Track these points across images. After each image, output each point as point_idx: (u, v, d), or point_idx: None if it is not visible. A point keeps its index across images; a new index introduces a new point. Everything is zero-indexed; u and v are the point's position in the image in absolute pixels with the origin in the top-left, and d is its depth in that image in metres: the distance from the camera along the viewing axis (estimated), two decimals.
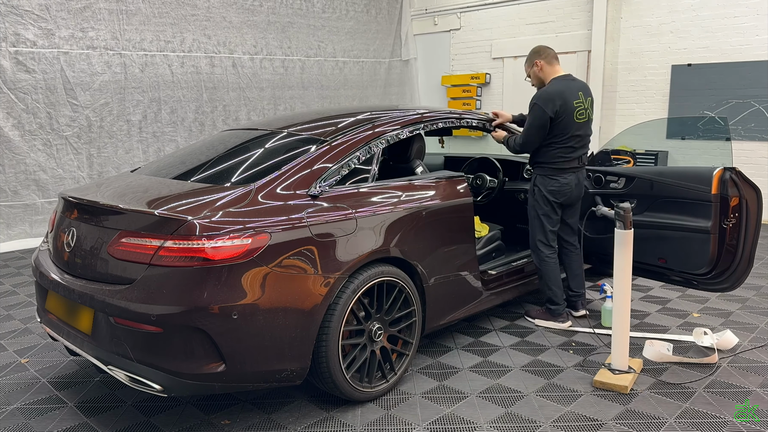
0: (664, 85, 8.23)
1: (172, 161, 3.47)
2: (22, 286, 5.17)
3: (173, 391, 2.50)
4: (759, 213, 3.49)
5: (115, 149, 7.25)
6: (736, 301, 4.46)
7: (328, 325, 2.73)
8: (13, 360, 3.60)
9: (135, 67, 7.31)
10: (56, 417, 2.91)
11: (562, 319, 3.91)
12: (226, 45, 8.14)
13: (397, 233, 3.07)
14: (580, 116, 3.68)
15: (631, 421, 2.80)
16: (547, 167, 3.74)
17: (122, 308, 2.45)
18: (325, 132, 3.22)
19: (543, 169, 3.77)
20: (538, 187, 3.79)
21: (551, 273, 3.85)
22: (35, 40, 6.54)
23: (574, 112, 3.64)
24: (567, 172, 3.73)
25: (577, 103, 3.67)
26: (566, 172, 3.73)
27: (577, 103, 3.66)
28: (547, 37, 9.30)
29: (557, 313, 3.90)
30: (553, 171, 3.73)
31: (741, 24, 7.51)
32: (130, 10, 7.18)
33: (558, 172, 3.73)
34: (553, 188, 3.74)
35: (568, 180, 3.74)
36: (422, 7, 10.69)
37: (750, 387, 3.12)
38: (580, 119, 3.68)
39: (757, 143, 7.51)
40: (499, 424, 2.79)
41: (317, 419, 2.86)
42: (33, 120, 6.64)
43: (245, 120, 8.44)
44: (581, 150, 3.76)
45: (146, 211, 2.58)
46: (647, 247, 3.67)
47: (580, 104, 3.68)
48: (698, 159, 7.79)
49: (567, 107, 3.62)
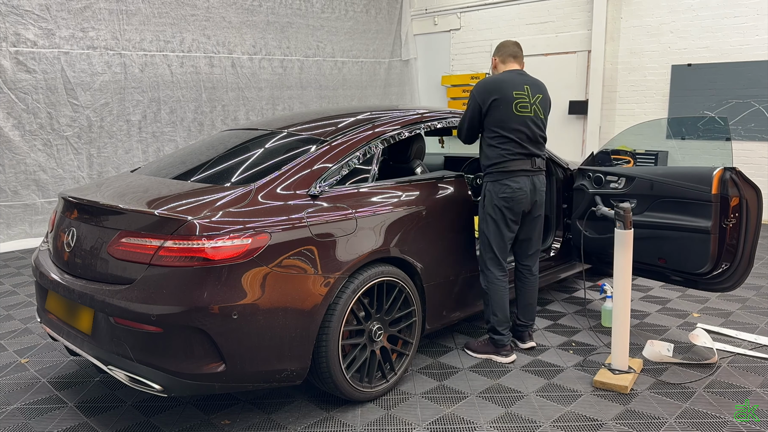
0: (664, 85, 8.23)
1: (172, 161, 3.47)
2: (22, 286, 5.17)
3: (173, 391, 2.50)
4: (759, 213, 3.49)
5: (114, 149, 7.26)
6: (736, 301, 4.46)
7: (328, 325, 2.73)
8: (13, 360, 3.60)
9: (135, 67, 7.31)
10: (56, 417, 2.91)
11: (506, 352, 3.44)
12: (226, 45, 8.15)
13: (397, 233, 3.07)
14: (522, 109, 3.28)
15: (631, 421, 2.80)
16: (495, 171, 3.32)
17: (122, 308, 2.45)
18: (325, 132, 3.22)
19: (491, 174, 3.35)
20: (489, 194, 3.36)
21: (500, 298, 3.38)
22: (36, 40, 6.54)
23: (512, 103, 3.26)
24: (518, 175, 3.29)
25: (519, 94, 3.29)
26: (517, 175, 3.29)
27: (518, 94, 3.28)
28: (547, 37, 9.31)
29: (500, 344, 3.43)
30: (502, 174, 3.30)
31: (741, 24, 7.51)
32: (130, 10, 7.19)
33: (508, 175, 3.29)
34: (505, 194, 3.29)
35: (521, 185, 3.29)
36: (422, 7, 10.69)
37: (750, 387, 3.12)
38: (522, 112, 3.27)
39: (757, 143, 7.51)
40: (499, 424, 2.79)
41: (317, 419, 2.86)
42: (33, 120, 6.64)
43: (244, 120, 8.45)
44: (531, 149, 3.32)
45: (146, 211, 2.58)
46: (647, 247, 3.66)
47: (523, 96, 3.29)
48: (698, 159, 7.79)
49: (503, 96, 3.26)
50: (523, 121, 3.29)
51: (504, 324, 3.40)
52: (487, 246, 3.39)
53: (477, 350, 3.52)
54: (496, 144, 3.30)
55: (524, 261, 3.55)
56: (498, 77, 3.37)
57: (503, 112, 3.26)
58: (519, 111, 3.28)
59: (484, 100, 3.29)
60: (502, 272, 3.39)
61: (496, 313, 3.38)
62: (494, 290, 3.38)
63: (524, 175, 3.31)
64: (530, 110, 3.32)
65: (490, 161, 3.34)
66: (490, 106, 3.27)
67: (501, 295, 3.38)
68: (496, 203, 3.31)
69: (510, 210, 3.31)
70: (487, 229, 3.38)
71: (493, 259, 3.37)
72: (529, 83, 3.37)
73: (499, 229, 3.33)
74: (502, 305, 3.38)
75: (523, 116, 3.29)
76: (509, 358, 3.43)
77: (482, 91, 3.31)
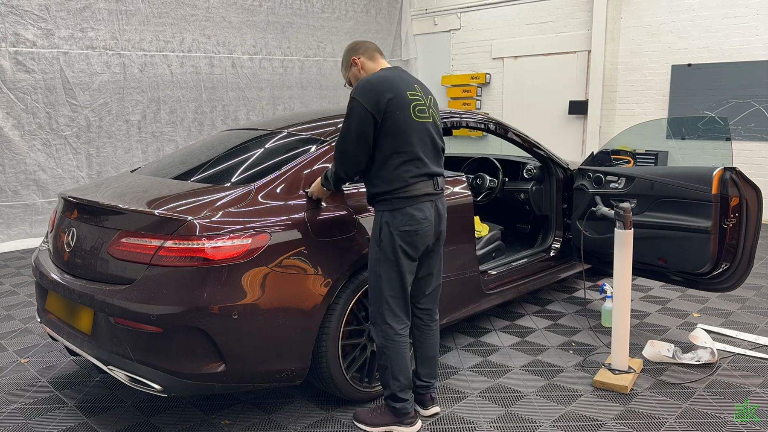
0: (664, 85, 8.23)
1: (172, 161, 3.47)
2: (22, 286, 5.17)
3: (173, 391, 2.50)
4: (759, 213, 3.49)
5: (114, 149, 7.27)
6: (736, 301, 4.46)
7: (328, 325, 2.73)
8: (13, 360, 3.60)
9: (134, 67, 7.32)
10: (56, 417, 2.91)
11: (410, 420, 2.73)
12: (226, 45, 8.16)
13: None
14: (421, 114, 2.58)
15: (631, 421, 2.80)
16: (392, 197, 2.54)
17: (122, 308, 2.45)
18: (325, 132, 3.22)
19: (387, 202, 2.56)
20: (385, 228, 2.56)
21: (401, 358, 2.64)
22: (35, 41, 6.55)
23: (410, 107, 2.53)
24: (422, 201, 2.56)
25: (413, 95, 2.58)
26: (421, 201, 2.56)
27: (413, 95, 2.58)
28: (547, 37, 9.31)
29: (403, 412, 2.71)
30: (402, 202, 2.53)
31: (741, 24, 7.51)
32: (129, 10, 7.19)
33: (410, 202, 2.53)
34: (408, 227, 2.54)
35: (426, 214, 2.57)
36: (422, 7, 10.69)
37: (750, 387, 3.12)
38: (421, 117, 2.57)
39: (757, 143, 7.51)
40: (499, 424, 2.79)
41: (317, 419, 2.86)
42: (32, 120, 6.65)
43: (244, 120, 8.46)
44: (434, 168, 2.61)
45: (146, 211, 2.58)
46: (647, 247, 3.67)
47: (418, 98, 2.60)
48: (698, 159, 7.79)
49: (399, 99, 2.51)
50: (424, 128, 2.58)
51: (407, 389, 2.70)
52: (383, 295, 2.61)
53: (373, 423, 2.75)
54: (394, 163, 2.52)
55: (423, 304, 2.80)
56: (381, 74, 2.60)
57: (400, 119, 2.51)
58: (418, 116, 2.56)
59: (376, 103, 2.47)
60: (403, 325, 2.66)
61: (398, 377, 2.65)
62: (394, 349, 2.62)
63: (428, 200, 2.59)
64: (428, 114, 2.62)
65: (386, 187, 2.54)
66: (385, 110, 2.48)
67: (402, 355, 2.65)
68: (396, 240, 2.54)
69: (412, 246, 2.57)
70: (382, 274, 2.60)
71: (391, 311, 2.62)
72: (417, 82, 2.69)
73: (398, 271, 2.58)
74: (404, 367, 2.66)
75: (423, 122, 2.58)
76: (414, 427, 2.74)
77: (370, 93, 2.49)
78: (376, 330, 2.67)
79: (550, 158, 4.29)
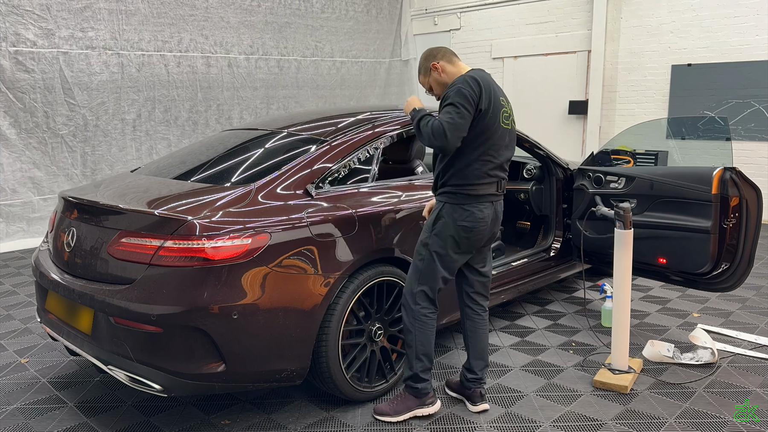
0: (664, 85, 8.23)
1: (172, 161, 3.47)
2: (22, 286, 5.17)
3: (173, 391, 2.50)
4: (759, 213, 3.49)
5: (108, 147, 7.30)
6: (736, 301, 4.46)
7: (328, 325, 2.73)
8: (13, 360, 3.60)
9: (132, 67, 7.34)
10: (56, 417, 2.91)
11: (430, 401, 2.85)
12: (223, 45, 8.18)
13: (397, 233, 3.07)
14: (506, 121, 2.71)
15: (631, 421, 2.80)
16: (459, 193, 2.68)
17: (122, 308, 2.45)
18: (325, 132, 3.22)
19: (454, 195, 2.70)
20: (444, 219, 2.71)
21: (427, 337, 2.77)
22: (35, 40, 6.55)
23: (500, 112, 2.66)
24: (484, 202, 2.70)
25: (503, 102, 2.72)
26: (483, 201, 2.70)
27: (503, 101, 2.72)
28: (547, 37, 9.31)
29: (424, 392, 2.82)
30: (466, 198, 2.68)
31: (741, 24, 7.51)
32: (129, 10, 7.20)
33: (474, 200, 2.68)
34: (466, 224, 2.67)
35: (485, 215, 2.71)
36: (422, 7, 10.69)
37: (750, 387, 3.12)
38: (505, 124, 2.70)
39: (757, 143, 7.51)
40: (499, 424, 2.79)
41: (317, 419, 2.86)
42: (30, 119, 6.67)
43: (238, 119, 8.50)
44: (501, 171, 2.75)
45: (146, 211, 2.58)
46: (647, 247, 3.67)
47: (505, 106, 2.73)
48: (698, 159, 7.78)
49: (495, 103, 2.64)
50: (505, 135, 2.72)
51: (428, 370, 2.82)
52: (420, 277, 2.75)
53: (397, 411, 2.83)
54: (472, 159, 2.66)
55: (474, 295, 2.92)
56: (480, 74, 2.65)
57: (491, 121, 2.63)
58: (504, 123, 2.70)
59: (479, 97, 2.57)
60: (432, 309, 2.78)
61: (421, 357, 2.76)
62: (421, 329, 2.75)
63: (489, 201, 2.73)
64: (510, 123, 2.76)
65: (457, 180, 2.68)
66: (484, 108, 2.60)
67: (427, 336, 2.77)
68: (451, 231, 2.69)
69: (466, 241, 2.71)
70: (426, 258, 2.74)
71: (424, 294, 2.75)
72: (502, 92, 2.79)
73: (442, 261, 2.72)
74: (428, 348, 2.78)
75: (506, 129, 2.72)
76: (434, 407, 2.85)
77: (475, 88, 2.57)
78: (406, 309, 2.79)
79: (550, 158, 4.29)
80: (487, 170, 2.68)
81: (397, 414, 2.83)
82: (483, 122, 2.60)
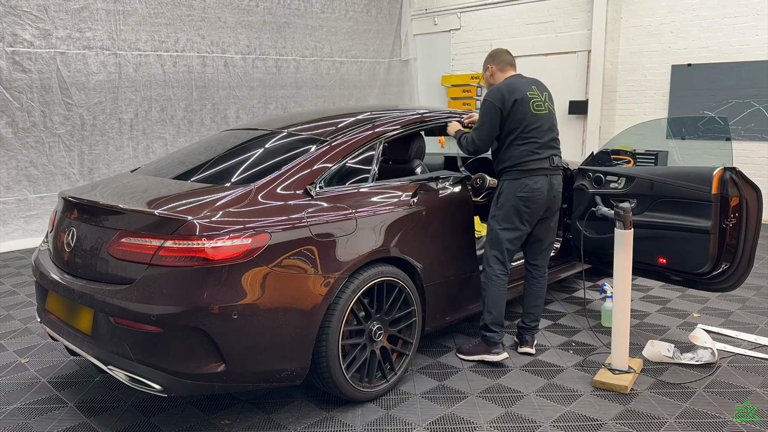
0: (664, 85, 8.23)
1: (172, 161, 3.47)
2: (22, 286, 5.17)
3: (173, 391, 2.49)
4: (759, 213, 3.49)
5: (105, 146, 7.32)
6: (736, 301, 4.46)
7: (328, 325, 2.73)
8: (13, 360, 3.60)
9: (129, 67, 7.35)
10: (56, 417, 2.91)
11: (497, 350, 3.38)
12: (219, 45, 8.19)
13: (397, 233, 3.07)
14: (538, 108, 3.33)
15: (631, 421, 2.80)
16: (513, 170, 3.32)
17: (122, 308, 2.45)
18: (325, 132, 3.22)
19: (510, 172, 3.34)
20: (504, 193, 3.35)
21: (497, 294, 3.35)
22: (32, 41, 6.55)
23: (529, 103, 3.30)
24: (537, 175, 3.30)
25: (532, 94, 3.34)
26: (536, 174, 3.30)
27: (531, 94, 3.33)
28: (547, 37, 9.31)
29: (492, 342, 3.38)
30: (520, 173, 3.30)
31: (741, 24, 7.51)
32: (126, 10, 7.21)
33: (526, 174, 3.29)
34: (522, 194, 3.28)
35: (539, 185, 3.30)
36: (422, 7, 10.69)
37: (750, 387, 3.12)
38: (539, 111, 3.33)
39: (757, 143, 7.51)
40: (499, 424, 2.79)
41: (317, 419, 2.86)
42: (27, 118, 6.68)
43: (233, 118, 8.51)
44: (550, 149, 3.36)
45: (146, 211, 2.58)
46: (647, 247, 3.66)
47: (536, 96, 3.35)
48: (698, 159, 7.78)
49: (521, 99, 3.29)
50: (540, 119, 3.32)
51: (498, 324, 3.37)
52: (492, 243, 3.38)
53: (469, 353, 3.47)
54: (515, 145, 3.31)
55: (536, 261, 3.54)
56: (507, 81, 3.38)
57: (522, 113, 3.28)
58: (535, 110, 3.32)
59: (504, 103, 3.28)
60: (504, 271, 3.36)
61: (492, 310, 3.35)
62: (492, 287, 3.35)
63: (542, 174, 3.31)
64: (544, 107, 3.37)
65: (509, 163, 3.33)
66: (511, 108, 3.27)
67: (498, 293, 3.35)
68: (512, 202, 3.30)
69: (525, 209, 3.30)
70: (495, 227, 3.36)
71: (497, 257, 3.35)
72: (533, 83, 3.43)
73: (508, 228, 3.33)
74: (498, 304, 3.35)
75: (540, 115, 3.33)
76: (500, 356, 3.36)
77: (500, 96, 3.30)
78: (484, 270, 3.41)
79: None
80: (534, 149, 3.29)
81: (469, 354, 3.46)
82: (513, 117, 3.29)
